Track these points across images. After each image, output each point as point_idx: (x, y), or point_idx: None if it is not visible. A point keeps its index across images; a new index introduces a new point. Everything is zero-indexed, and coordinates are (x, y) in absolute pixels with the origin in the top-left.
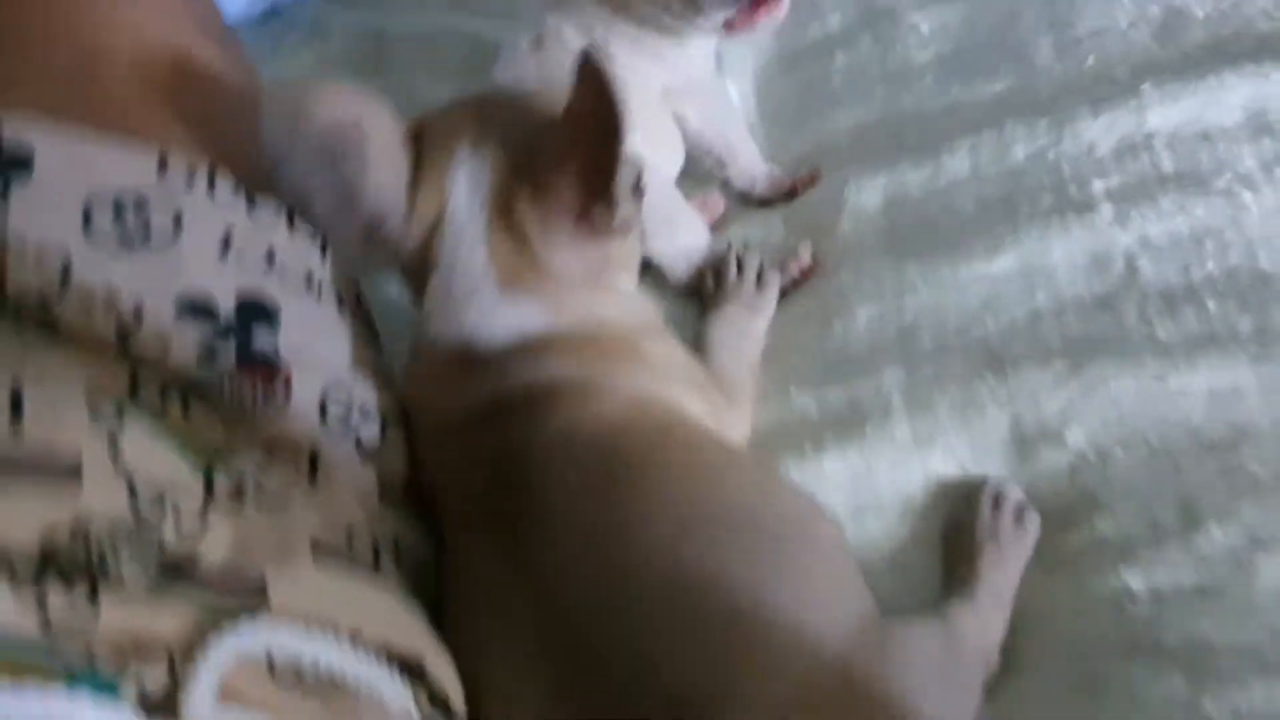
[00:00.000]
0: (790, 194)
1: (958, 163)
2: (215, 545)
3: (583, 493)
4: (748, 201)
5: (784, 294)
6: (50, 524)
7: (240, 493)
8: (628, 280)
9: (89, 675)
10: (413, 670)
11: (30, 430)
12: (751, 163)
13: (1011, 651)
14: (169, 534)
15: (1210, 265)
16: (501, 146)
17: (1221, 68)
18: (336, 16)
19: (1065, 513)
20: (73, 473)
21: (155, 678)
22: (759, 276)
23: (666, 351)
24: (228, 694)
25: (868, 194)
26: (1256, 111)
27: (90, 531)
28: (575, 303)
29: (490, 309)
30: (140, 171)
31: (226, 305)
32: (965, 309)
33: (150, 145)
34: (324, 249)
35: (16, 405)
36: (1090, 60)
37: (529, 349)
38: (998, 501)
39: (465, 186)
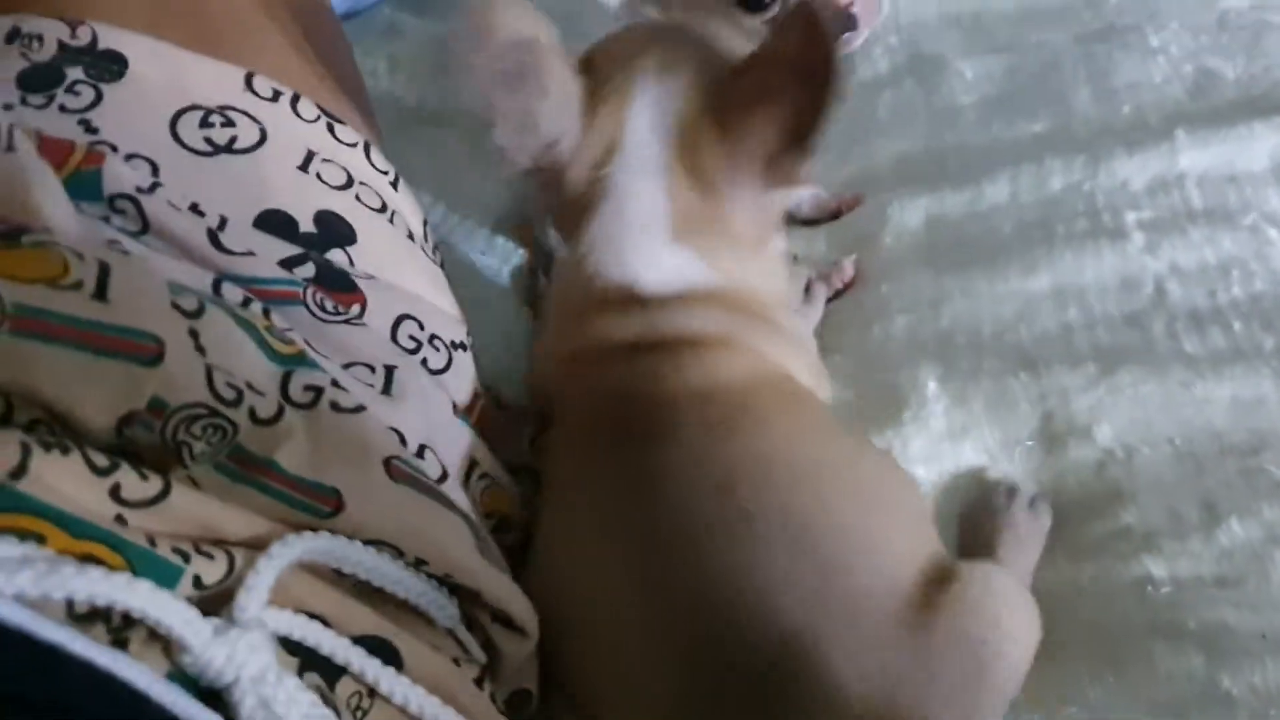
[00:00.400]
0: (835, 215)
1: (997, 190)
2: (290, 448)
3: (713, 436)
4: (793, 221)
5: (827, 304)
6: (129, 404)
7: (318, 399)
8: (778, 249)
9: (151, 561)
10: (471, 597)
11: (115, 310)
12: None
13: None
14: (245, 429)
15: (1236, 290)
16: (690, 78)
17: (1251, 119)
18: (409, 21)
19: (1091, 504)
20: (153, 358)
21: (214, 571)
22: (806, 289)
23: (794, 325)
24: (281, 593)
25: (910, 213)
26: None
27: (168, 415)
28: (740, 264)
29: (658, 256)
30: (228, 87)
31: (306, 222)
32: (1000, 318)
33: (239, 66)
34: (395, 183)
35: (102, 288)
36: (1126, 109)
37: (687, 300)
38: (1010, 494)
39: (648, 115)
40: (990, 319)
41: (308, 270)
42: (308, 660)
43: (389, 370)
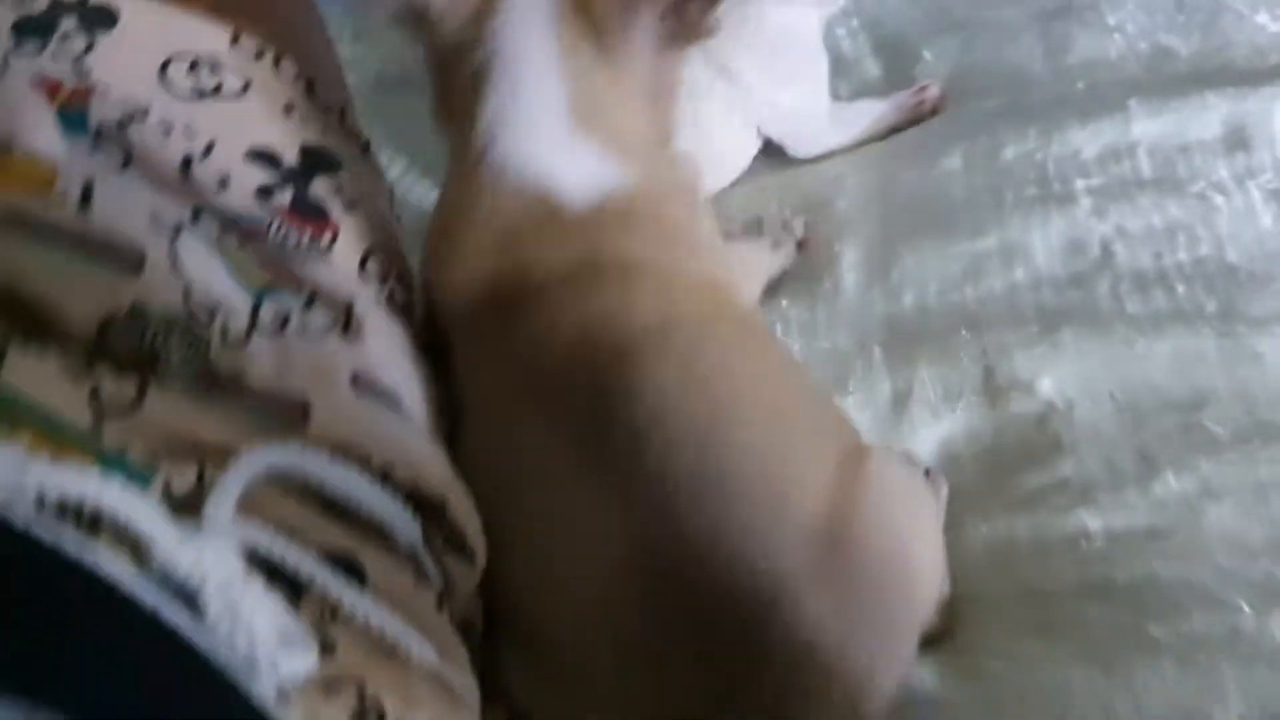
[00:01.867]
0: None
1: (950, 160)
2: (258, 366)
3: (682, 389)
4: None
5: None
6: (110, 308)
7: (285, 324)
8: (674, 142)
9: (123, 464)
10: (432, 511)
11: (98, 217)
12: None
13: (971, 591)
14: (217, 344)
15: (1181, 254)
16: None
17: (1204, 89)
18: None
19: (1030, 455)
20: (134, 265)
21: (184, 479)
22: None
23: (712, 227)
24: (249, 507)
25: (865, 177)
26: (1234, 128)
27: (147, 319)
28: (650, 162)
29: (568, 152)
30: (215, 41)
31: (290, 155)
32: (947, 276)
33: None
34: (366, 149)
35: (87, 196)
36: (1080, 84)
37: (613, 213)
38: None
39: None
40: (937, 278)
41: (284, 197)
42: (271, 578)
43: (348, 308)
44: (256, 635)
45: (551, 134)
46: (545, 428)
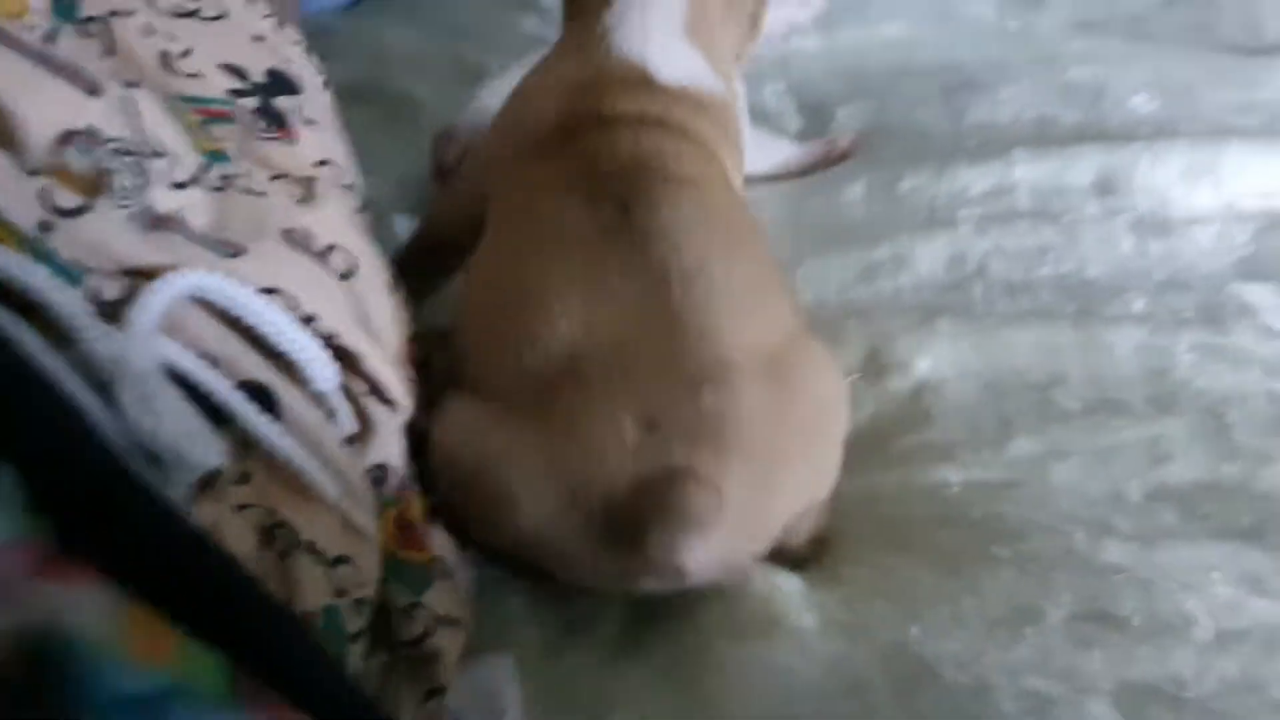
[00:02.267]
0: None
1: (853, 190)
2: (198, 208)
3: (698, 219)
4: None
5: None
6: (68, 122)
7: (229, 184)
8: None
9: (53, 261)
10: (352, 360)
11: (62, 50)
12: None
13: (839, 527)
14: (163, 184)
15: (1048, 269)
16: None
17: (1081, 145)
18: (329, 19)
19: (903, 423)
20: (93, 91)
21: (113, 289)
22: None
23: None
24: (173, 330)
25: (778, 202)
26: (1104, 177)
27: (101, 141)
28: (729, 78)
29: (675, 49)
30: None
31: (258, 75)
32: (844, 280)
33: None
34: (326, 84)
35: (53, 39)
36: (974, 141)
37: (693, 95)
38: None
39: None
40: (835, 281)
41: (251, 103)
42: (191, 395)
43: (308, 181)
44: (163, 425)
45: (663, 32)
46: (582, 204)
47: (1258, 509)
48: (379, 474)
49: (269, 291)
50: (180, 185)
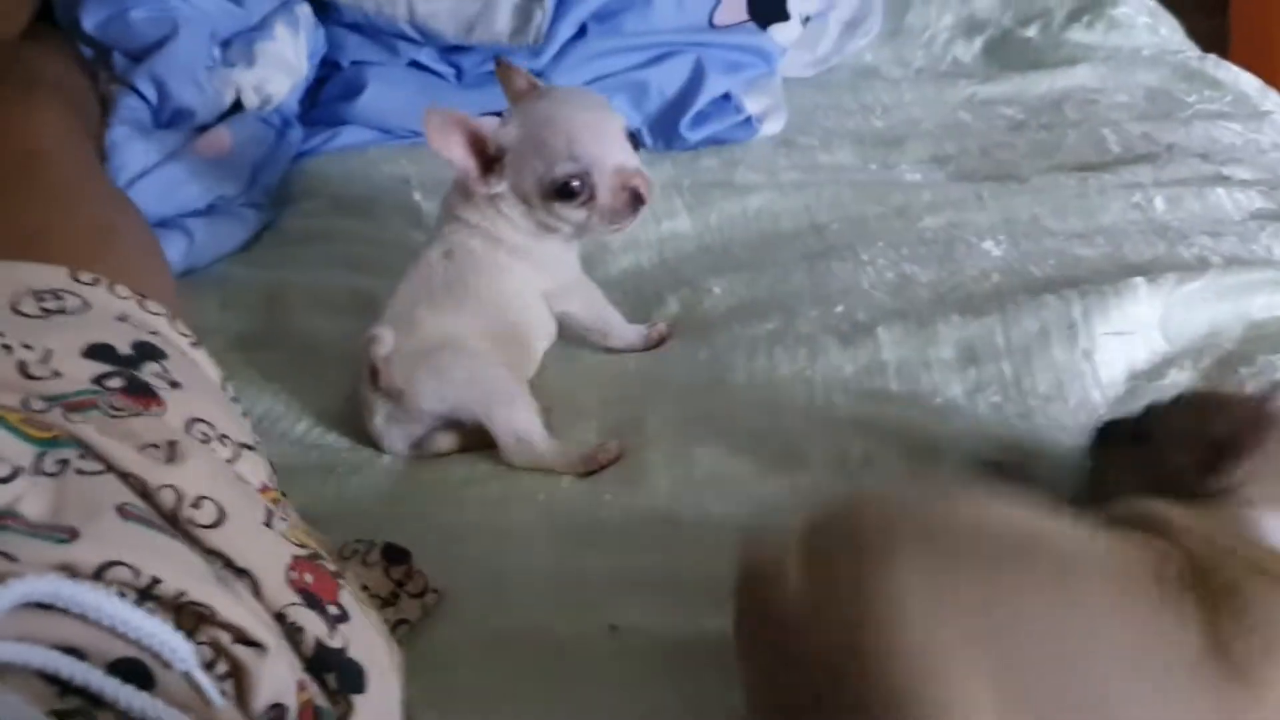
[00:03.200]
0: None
1: (736, 376)
2: (32, 499)
3: None
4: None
5: None
6: None
7: (64, 469)
8: None
9: None
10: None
11: None
12: (624, 330)
13: None
14: None
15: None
16: None
17: (940, 317)
18: (238, 271)
19: None
20: None
21: None
22: None
23: None
24: (23, 628)
25: (665, 398)
26: (965, 349)
27: None
28: None
29: None
30: (54, 277)
31: (124, 346)
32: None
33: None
34: (196, 345)
35: None
36: (840, 308)
37: None
38: None
39: None
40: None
41: (116, 382)
42: (66, 689)
43: (172, 444)
44: None
45: None
46: None
47: None
48: (276, 713)
49: (108, 565)
50: (5, 480)
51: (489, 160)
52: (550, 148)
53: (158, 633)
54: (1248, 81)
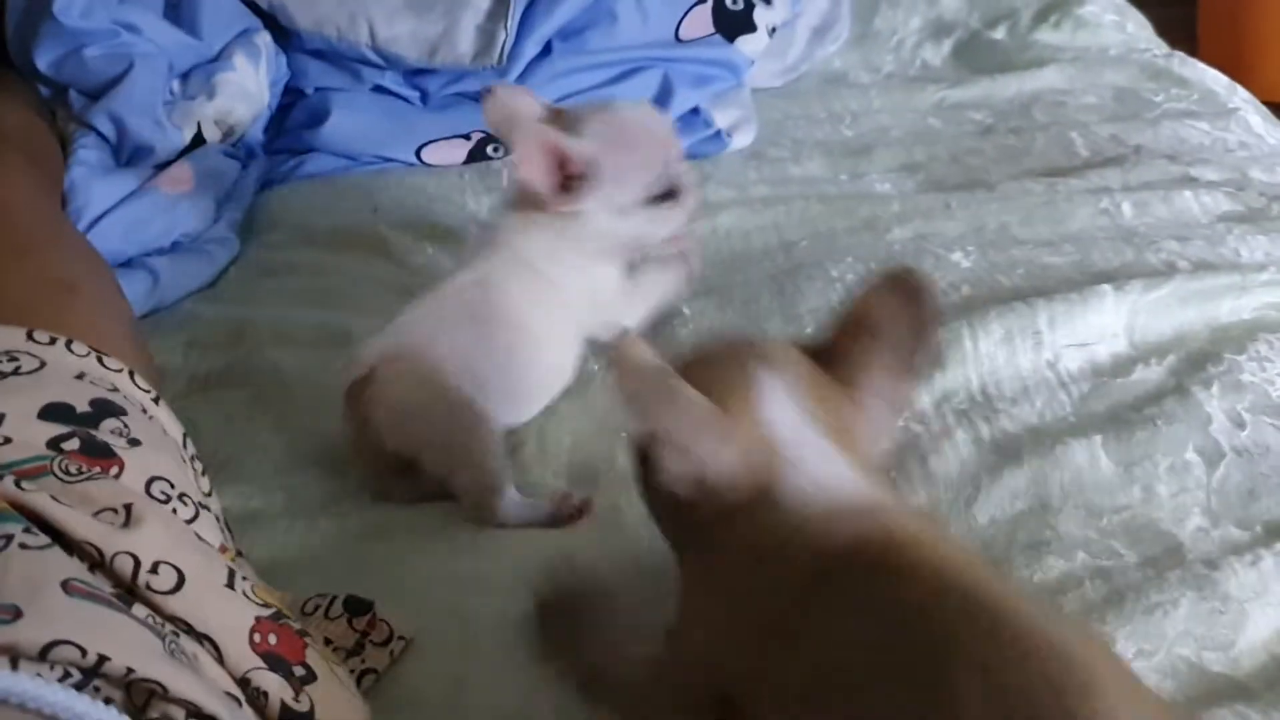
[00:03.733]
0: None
1: None
2: None
3: None
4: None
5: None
6: None
7: (7, 545)
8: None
9: None
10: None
11: None
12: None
13: None
14: None
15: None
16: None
17: None
18: (204, 308)
19: None
20: None
21: None
22: None
23: None
24: None
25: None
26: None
27: None
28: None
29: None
30: (11, 338)
31: (82, 404)
32: None
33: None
34: (156, 400)
35: None
36: (809, 329)
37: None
38: None
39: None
40: None
41: (73, 444)
42: None
43: (129, 507)
44: None
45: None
46: None
47: None
48: None
49: (53, 645)
50: None
51: (565, 179)
52: (653, 156)
53: (105, 716)
54: (1214, 79)
